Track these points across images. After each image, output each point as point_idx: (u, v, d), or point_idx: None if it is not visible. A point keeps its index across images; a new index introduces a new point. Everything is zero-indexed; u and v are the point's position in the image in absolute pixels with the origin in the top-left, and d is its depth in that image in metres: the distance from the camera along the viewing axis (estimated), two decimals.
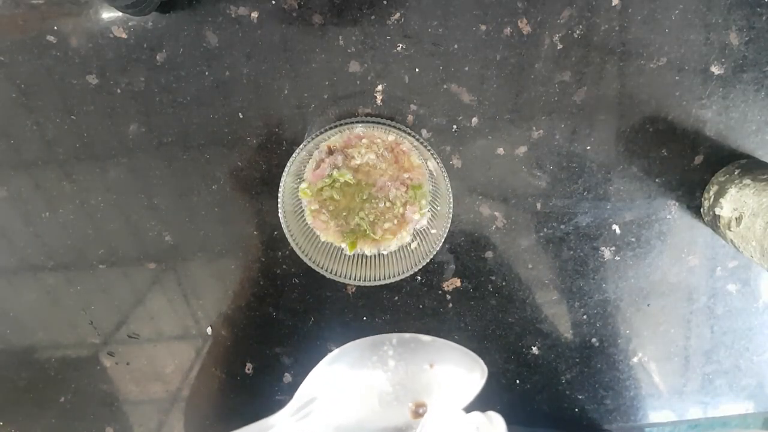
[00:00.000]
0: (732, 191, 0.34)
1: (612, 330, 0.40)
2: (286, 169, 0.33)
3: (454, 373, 0.26)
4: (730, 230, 0.34)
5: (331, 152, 0.35)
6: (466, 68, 0.35)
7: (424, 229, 0.36)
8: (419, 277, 0.39)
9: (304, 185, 0.35)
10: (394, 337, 0.29)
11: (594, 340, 0.40)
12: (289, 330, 0.40)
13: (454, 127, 0.36)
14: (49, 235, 0.38)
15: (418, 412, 0.25)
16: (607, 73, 0.35)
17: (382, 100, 0.36)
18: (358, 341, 0.28)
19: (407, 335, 0.29)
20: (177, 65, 0.35)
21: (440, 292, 0.39)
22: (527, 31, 0.34)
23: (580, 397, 0.41)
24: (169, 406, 0.42)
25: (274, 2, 0.34)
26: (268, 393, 0.41)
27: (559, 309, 0.40)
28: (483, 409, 0.40)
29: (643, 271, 0.39)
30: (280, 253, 0.38)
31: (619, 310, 0.40)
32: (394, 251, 0.36)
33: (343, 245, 0.36)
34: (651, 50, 0.35)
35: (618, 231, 0.38)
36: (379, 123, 0.33)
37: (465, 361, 0.26)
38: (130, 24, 0.34)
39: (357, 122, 0.33)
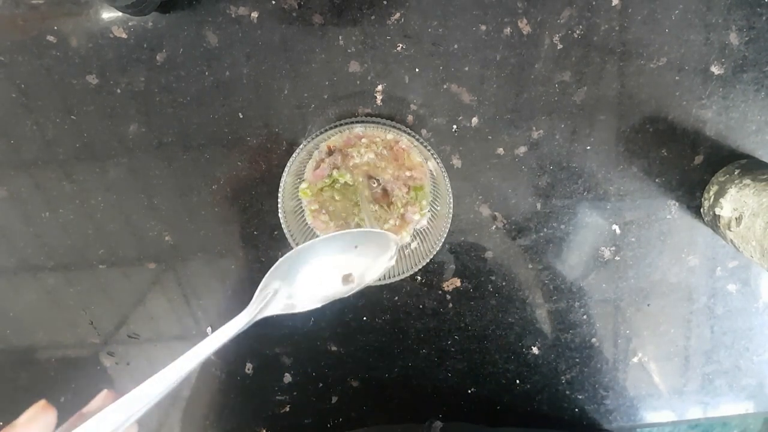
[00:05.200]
0: (732, 191, 0.34)
1: (612, 330, 0.40)
2: (286, 169, 0.33)
3: (373, 250, 0.32)
4: (730, 230, 0.34)
5: (331, 152, 0.35)
6: (466, 68, 0.35)
7: (424, 229, 0.36)
8: (419, 277, 0.39)
9: (304, 185, 0.35)
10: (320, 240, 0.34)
11: (594, 340, 0.40)
12: (289, 330, 0.40)
13: (454, 127, 0.36)
14: (49, 235, 0.38)
15: (348, 279, 0.31)
16: (607, 73, 0.35)
17: (382, 100, 0.36)
18: (312, 242, 0.32)
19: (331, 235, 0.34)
20: (177, 65, 0.35)
21: (440, 292, 0.39)
22: (527, 31, 0.34)
23: (580, 397, 0.41)
24: (169, 406, 0.42)
25: (274, 2, 0.34)
26: (268, 393, 0.41)
27: (559, 309, 0.40)
28: (481, 414, 0.40)
29: (643, 271, 0.39)
30: (280, 253, 0.38)
31: (619, 310, 0.40)
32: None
33: None
34: (651, 50, 0.35)
35: (618, 231, 0.38)
36: (379, 123, 0.33)
37: (381, 241, 0.32)
38: (130, 24, 0.34)
39: (357, 122, 0.33)
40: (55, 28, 0.34)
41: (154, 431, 0.42)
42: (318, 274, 0.31)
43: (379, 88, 0.35)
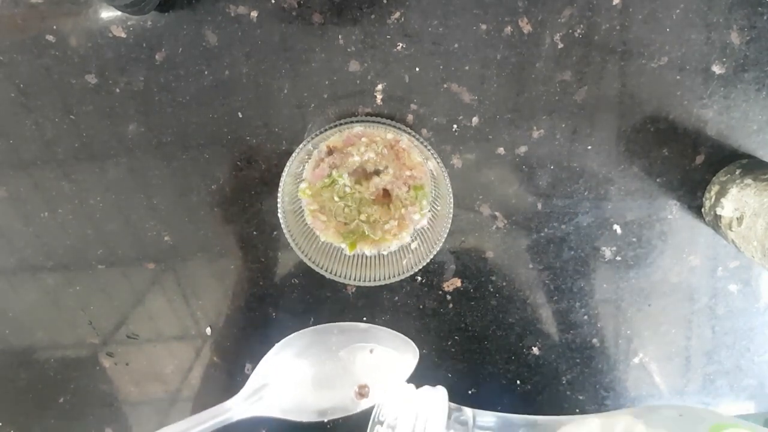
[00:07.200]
0: (733, 191, 0.34)
1: (613, 330, 0.40)
2: (285, 169, 0.33)
3: (390, 356, 0.28)
4: (732, 230, 0.34)
5: (330, 152, 0.35)
6: (467, 68, 0.35)
7: (424, 229, 0.36)
8: (419, 277, 0.39)
9: (303, 185, 0.35)
10: (335, 327, 0.31)
11: (595, 340, 0.40)
12: (289, 330, 0.40)
13: (455, 126, 0.36)
14: (48, 235, 0.38)
15: (362, 393, 0.27)
16: (608, 72, 0.35)
17: (382, 100, 0.36)
18: (302, 331, 0.30)
19: (346, 324, 0.31)
20: (176, 65, 0.35)
21: (440, 292, 0.39)
22: (528, 31, 0.34)
23: (580, 397, 0.41)
24: (169, 407, 0.42)
25: (273, 1, 0.34)
26: None
27: (559, 309, 0.40)
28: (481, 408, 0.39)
29: (644, 271, 0.39)
30: (280, 253, 0.38)
31: (620, 310, 0.40)
32: (394, 251, 0.36)
33: (343, 245, 0.36)
34: (652, 49, 0.35)
35: (619, 231, 0.38)
36: (379, 123, 0.33)
37: (399, 345, 0.29)
38: (129, 23, 0.34)
39: (357, 122, 0.33)
40: (54, 27, 0.34)
41: None
42: (319, 377, 0.26)
43: (379, 87, 0.35)
